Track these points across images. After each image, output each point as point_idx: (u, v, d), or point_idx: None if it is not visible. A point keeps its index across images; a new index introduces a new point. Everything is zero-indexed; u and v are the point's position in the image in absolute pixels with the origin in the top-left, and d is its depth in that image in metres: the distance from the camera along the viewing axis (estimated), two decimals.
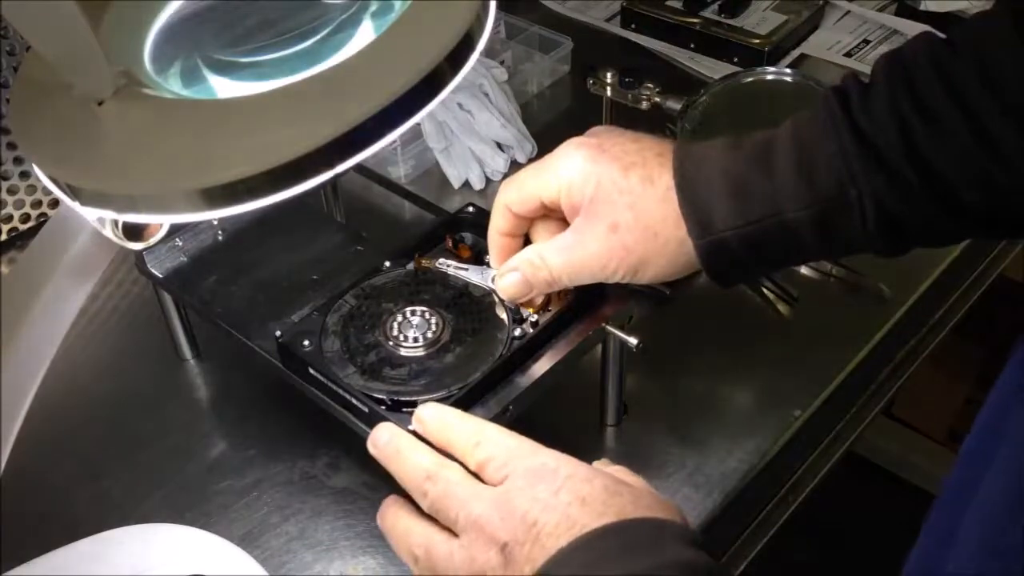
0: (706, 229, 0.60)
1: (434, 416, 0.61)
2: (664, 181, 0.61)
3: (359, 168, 0.90)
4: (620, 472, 0.58)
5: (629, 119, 0.95)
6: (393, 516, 0.60)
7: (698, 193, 0.60)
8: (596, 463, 0.59)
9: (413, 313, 0.72)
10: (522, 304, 0.71)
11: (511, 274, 0.66)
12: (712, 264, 0.62)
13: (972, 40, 0.59)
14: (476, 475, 0.57)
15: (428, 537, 0.56)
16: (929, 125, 0.57)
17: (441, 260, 0.76)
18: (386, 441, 0.61)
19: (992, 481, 0.66)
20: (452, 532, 0.56)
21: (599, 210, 0.62)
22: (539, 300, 0.70)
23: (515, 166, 1.07)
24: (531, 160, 1.07)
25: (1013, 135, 0.56)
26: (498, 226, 0.68)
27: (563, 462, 0.56)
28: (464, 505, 0.55)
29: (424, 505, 0.57)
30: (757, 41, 1.18)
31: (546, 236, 0.67)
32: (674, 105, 0.94)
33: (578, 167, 0.63)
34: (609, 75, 0.94)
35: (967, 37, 0.59)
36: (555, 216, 0.67)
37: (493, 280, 0.70)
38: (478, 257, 0.77)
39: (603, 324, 0.72)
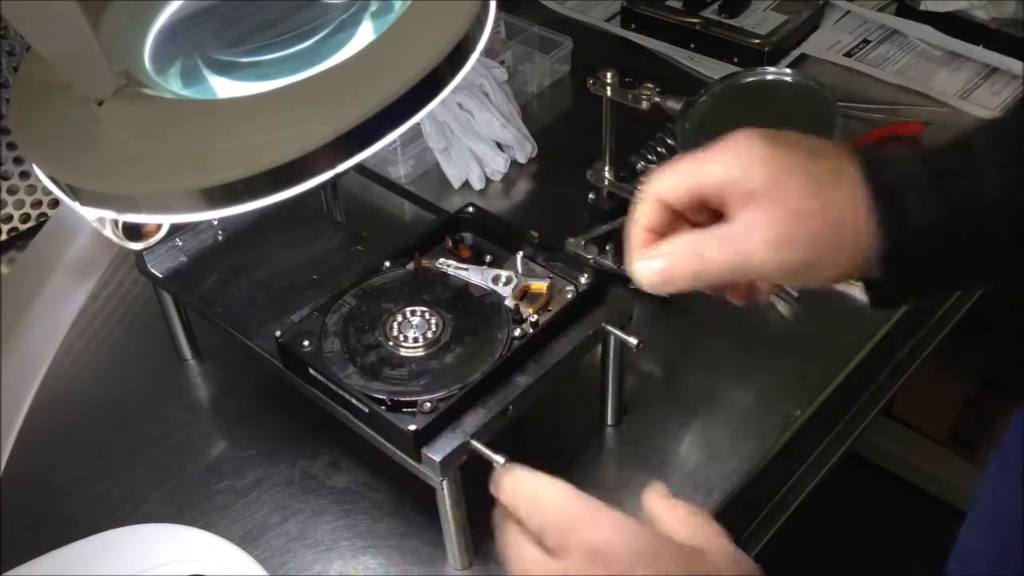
0: (896, 221, 0.54)
1: (505, 480, 0.55)
2: (851, 172, 0.55)
3: (359, 168, 0.90)
4: (686, 517, 0.53)
5: (629, 119, 0.95)
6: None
7: (890, 188, 0.55)
8: (654, 492, 0.55)
9: (413, 313, 0.72)
10: (519, 301, 0.70)
11: (655, 260, 0.57)
12: (896, 263, 0.55)
13: None
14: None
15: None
16: None
17: (441, 260, 0.76)
18: (497, 488, 0.55)
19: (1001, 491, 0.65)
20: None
21: (780, 195, 0.55)
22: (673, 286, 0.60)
23: (515, 166, 1.07)
24: (531, 160, 1.07)
25: None
26: (643, 219, 0.59)
27: (625, 535, 0.50)
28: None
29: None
30: (757, 41, 1.18)
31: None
32: (674, 105, 0.93)
33: (755, 150, 0.56)
34: (609, 75, 0.94)
35: None
36: (704, 216, 0.59)
37: (622, 267, 0.61)
38: (478, 257, 0.77)
39: (603, 324, 0.72)
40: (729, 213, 0.57)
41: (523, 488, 0.54)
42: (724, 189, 0.57)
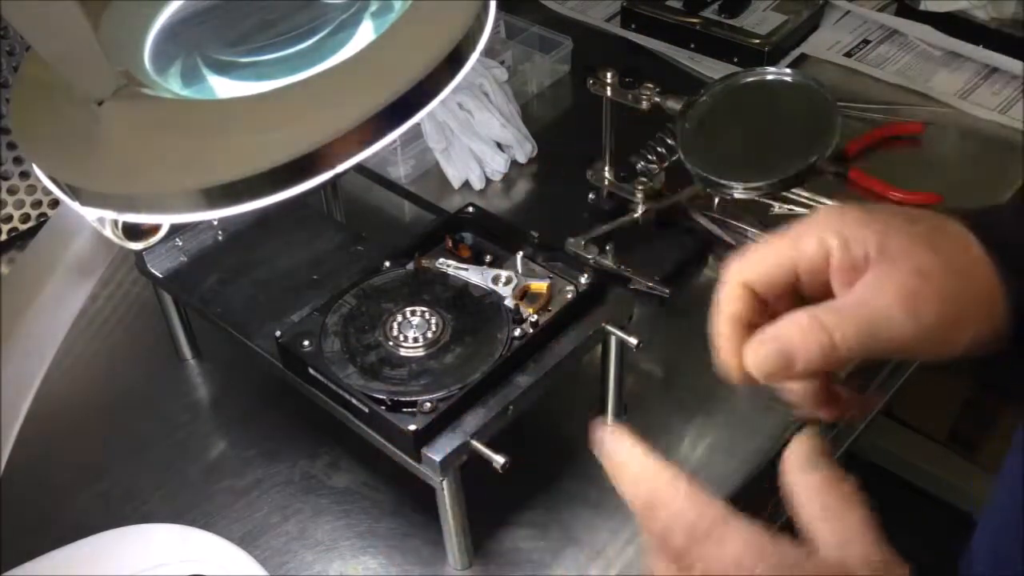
0: (1016, 271, 0.50)
1: (615, 453, 0.49)
2: (953, 228, 0.51)
3: (359, 168, 0.90)
4: (832, 502, 0.47)
5: (629, 119, 0.95)
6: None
7: (1002, 231, 0.51)
8: (798, 461, 0.49)
9: (413, 313, 0.72)
10: (519, 301, 0.70)
11: (769, 344, 0.50)
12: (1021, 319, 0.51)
13: None
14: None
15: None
16: None
17: (441, 260, 0.76)
18: (605, 453, 0.50)
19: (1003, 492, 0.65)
20: None
21: (893, 260, 0.50)
22: (799, 387, 0.55)
23: (515, 166, 1.07)
24: (531, 160, 1.07)
25: None
26: (732, 313, 0.53)
27: (758, 556, 0.44)
28: None
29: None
30: (757, 41, 1.18)
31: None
32: (674, 105, 0.93)
33: (852, 219, 0.51)
34: (609, 75, 0.94)
35: None
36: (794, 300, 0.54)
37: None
38: (478, 257, 0.77)
39: (603, 324, 0.72)
40: (837, 290, 0.51)
41: (635, 473, 0.48)
42: (824, 265, 0.51)
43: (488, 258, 0.77)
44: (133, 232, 0.49)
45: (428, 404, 0.66)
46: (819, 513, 0.47)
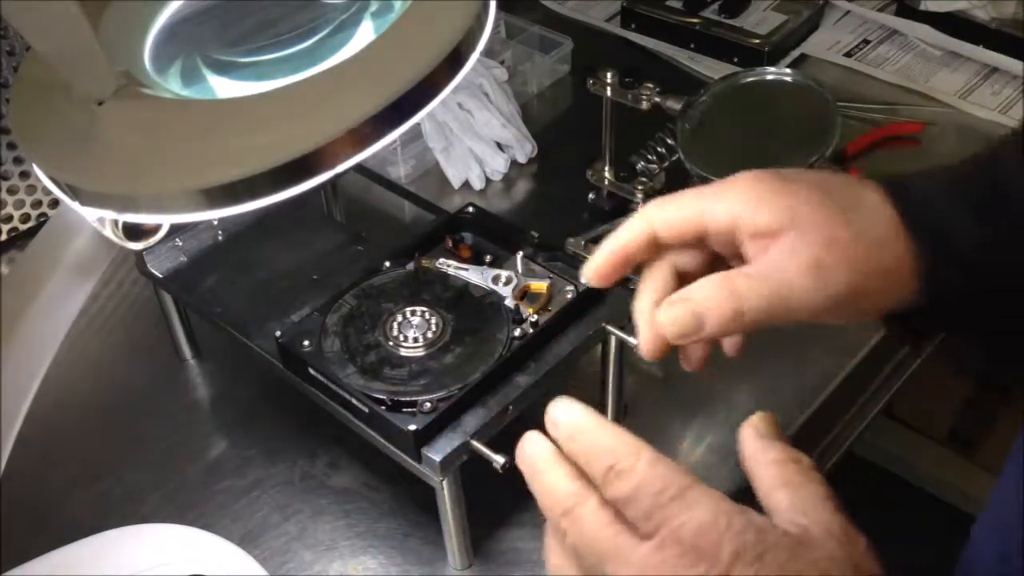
0: (938, 243, 0.51)
1: (568, 421, 0.48)
2: (869, 199, 0.52)
3: (359, 168, 0.90)
4: (794, 481, 0.48)
5: (629, 119, 0.95)
6: (550, 548, 0.48)
7: (924, 207, 0.51)
8: (755, 431, 0.50)
9: (413, 313, 0.72)
10: (519, 301, 0.70)
11: (680, 305, 0.51)
12: (935, 288, 0.52)
13: None
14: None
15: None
16: None
17: (441, 260, 0.76)
18: (524, 456, 0.48)
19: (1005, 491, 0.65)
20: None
21: (804, 230, 0.50)
22: (699, 351, 0.57)
23: (515, 166, 1.07)
24: (531, 160, 1.07)
25: None
26: (624, 243, 0.53)
27: (726, 524, 0.44)
28: (603, 563, 0.44)
29: (565, 541, 0.46)
30: (757, 41, 1.18)
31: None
32: (674, 105, 0.93)
33: (765, 186, 0.52)
34: (609, 75, 0.94)
35: None
36: (700, 258, 0.55)
37: (634, 308, 0.54)
38: (478, 257, 0.77)
39: (603, 324, 0.72)
40: (749, 256, 0.52)
41: (595, 440, 0.47)
42: (735, 229, 0.52)
43: (488, 258, 0.77)
44: (133, 232, 0.49)
45: (428, 404, 0.66)
46: (778, 484, 0.47)
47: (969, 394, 1.65)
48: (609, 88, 0.94)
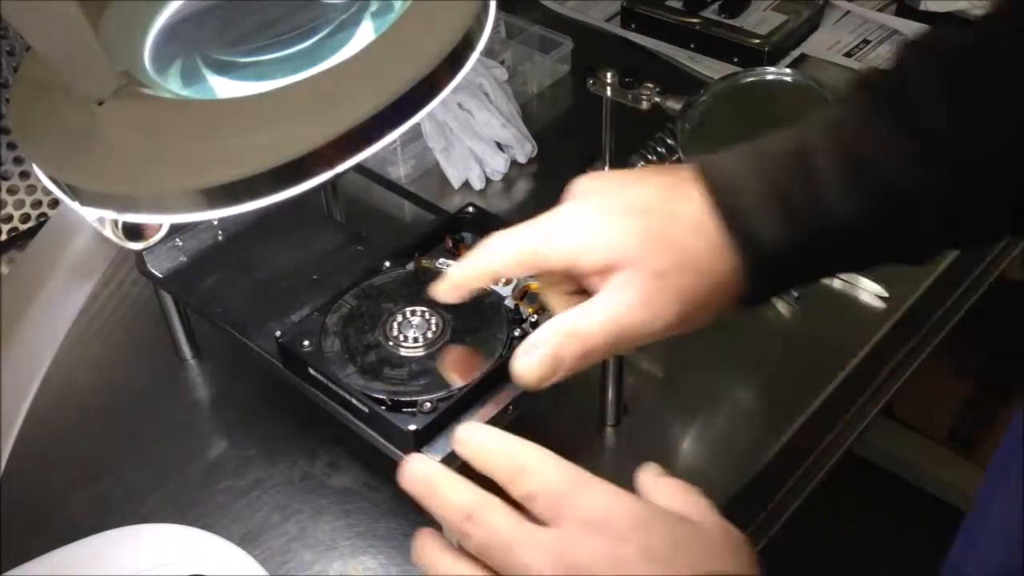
0: (752, 247, 0.55)
1: (473, 438, 0.53)
2: (687, 213, 0.55)
3: (359, 168, 0.90)
4: (678, 491, 0.52)
5: (629, 119, 0.95)
6: (431, 557, 0.53)
7: (737, 211, 0.55)
8: (646, 470, 0.54)
9: (413, 313, 0.72)
10: (519, 301, 0.70)
11: (533, 352, 0.55)
12: (756, 284, 0.56)
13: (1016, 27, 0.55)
14: (520, 506, 0.51)
15: None
16: (982, 107, 0.53)
17: (441, 260, 0.76)
18: (419, 477, 0.53)
19: (1007, 497, 0.65)
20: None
21: (634, 264, 0.55)
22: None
23: (515, 166, 1.07)
24: (531, 160, 1.07)
25: None
26: (467, 280, 0.59)
27: (620, 504, 0.49)
28: (512, 552, 0.48)
29: (468, 547, 0.51)
30: (757, 41, 1.18)
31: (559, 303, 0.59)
32: (674, 105, 0.94)
33: (588, 228, 0.56)
34: (609, 75, 0.94)
35: (996, 35, 0.56)
36: (556, 283, 0.60)
37: (513, 357, 0.57)
38: None
39: None
40: (591, 288, 0.56)
41: (501, 449, 0.52)
42: (570, 269, 0.56)
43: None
44: (133, 232, 0.49)
45: (428, 404, 0.66)
46: (664, 491, 0.52)
47: (969, 394, 1.65)
48: (609, 88, 0.94)
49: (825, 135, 0.56)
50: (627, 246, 0.55)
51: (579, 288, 0.58)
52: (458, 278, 0.59)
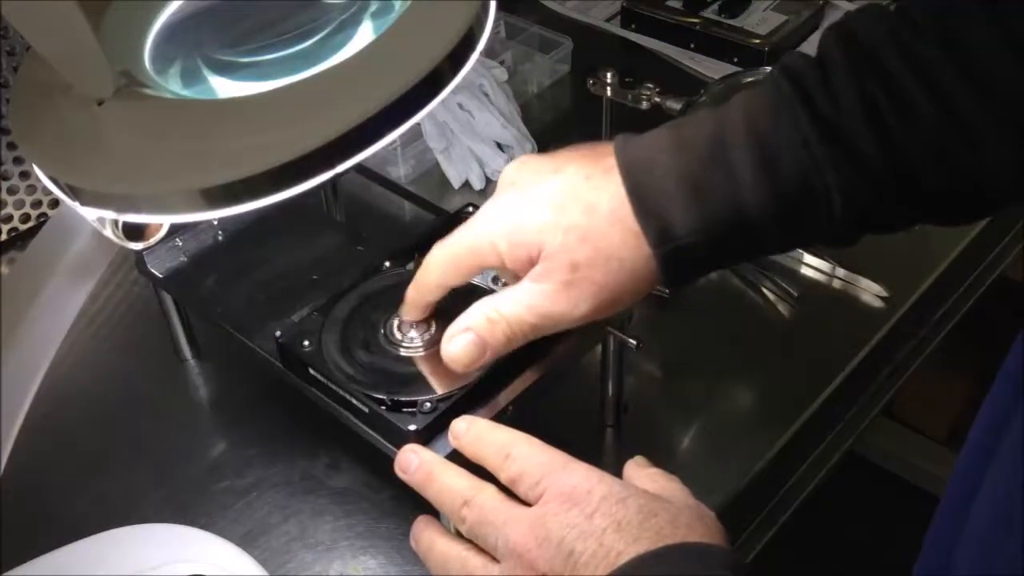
0: (667, 238, 0.57)
1: (466, 429, 0.60)
2: (607, 198, 0.58)
3: (359, 168, 0.90)
4: (657, 477, 0.57)
5: (629, 119, 0.95)
6: (428, 540, 0.59)
7: (653, 202, 0.57)
8: (632, 461, 0.59)
9: None
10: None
11: (463, 336, 0.61)
12: (673, 272, 0.59)
13: (935, 16, 0.55)
14: (510, 490, 0.56)
15: (464, 563, 0.56)
16: (897, 107, 0.54)
17: None
18: (416, 466, 0.60)
19: (989, 490, 0.65)
20: (492, 556, 0.55)
21: (552, 255, 0.58)
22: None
23: None
24: None
25: (984, 117, 0.54)
26: (422, 297, 0.66)
27: (596, 481, 0.54)
28: (501, 530, 0.54)
29: (463, 530, 0.57)
30: (757, 41, 1.18)
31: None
32: (674, 105, 0.94)
33: (511, 222, 0.60)
34: (609, 75, 0.94)
35: (929, 13, 0.56)
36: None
37: (444, 340, 0.63)
38: None
39: (603, 324, 0.72)
40: (520, 274, 0.60)
41: (492, 438, 0.58)
42: (501, 258, 0.60)
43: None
44: (133, 232, 0.49)
45: (428, 404, 0.66)
46: (642, 475, 0.58)
47: (969, 394, 1.65)
48: (609, 88, 0.94)
49: (742, 125, 0.57)
50: (547, 239, 0.58)
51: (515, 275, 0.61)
52: (412, 298, 0.66)
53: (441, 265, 0.63)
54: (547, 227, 0.58)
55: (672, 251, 0.57)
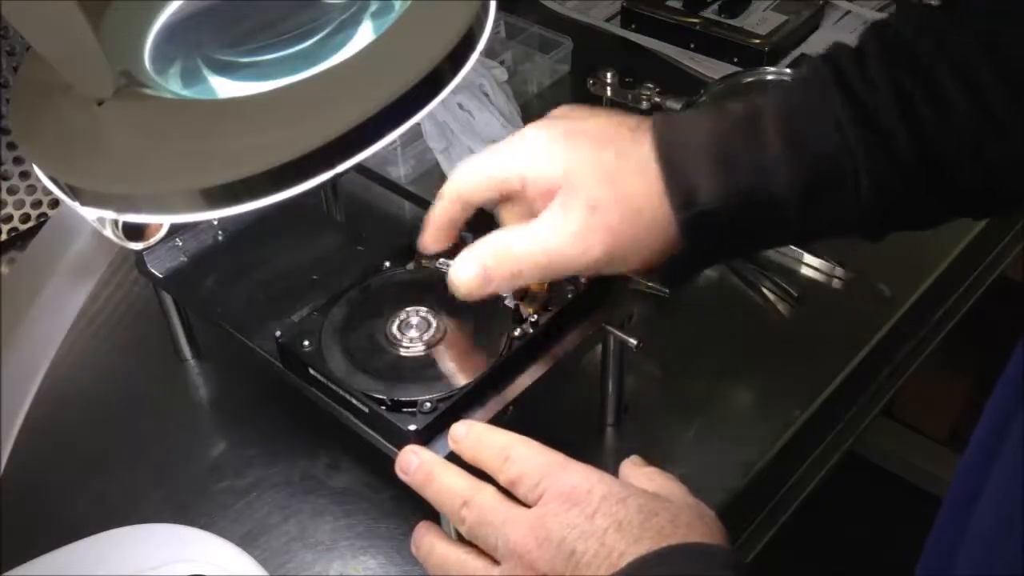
0: (690, 200, 0.57)
1: (465, 433, 0.60)
2: (639, 154, 0.58)
3: (359, 168, 0.90)
4: (654, 475, 0.57)
5: None
6: (428, 545, 0.59)
7: (681, 163, 0.57)
8: (628, 460, 0.59)
9: (413, 313, 0.72)
10: (519, 301, 0.70)
11: (470, 265, 0.60)
12: (693, 239, 0.58)
13: (973, 15, 0.56)
14: (509, 492, 0.56)
15: (464, 565, 0.56)
16: (931, 99, 0.55)
17: (441, 260, 0.76)
18: (416, 467, 0.60)
19: (992, 492, 0.65)
20: (492, 558, 0.55)
21: (574, 191, 0.57)
22: (481, 293, 0.63)
23: None
24: None
25: (1018, 114, 0.54)
26: (444, 215, 0.64)
27: (596, 481, 0.54)
28: (501, 531, 0.54)
29: (463, 531, 0.57)
30: (757, 41, 1.18)
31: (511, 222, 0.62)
32: (674, 105, 0.94)
33: (543, 147, 0.59)
34: (609, 75, 0.94)
35: (967, 13, 0.57)
36: (516, 205, 0.63)
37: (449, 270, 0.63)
38: None
39: (603, 324, 0.72)
40: (536, 209, 0.59)
41: (490, 441, 0.59)
42: (520, 188, 0.59)
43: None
44: (133, 232, 0.49)
45: (428, 404, 0.66)
46: (640, 475, 0.58)
47: (969, 394, 1.65)
48: (609, 88, 0.94)
49: (778, 102, 0.57)
50: (572, 171, 0.57)
51: (530, 211, 0.60)
52: (433, 216, 0.64)
53: (466, 178, 0.62)
54: (575, 161, 0.58)
55: (695, 216, 0.57)
